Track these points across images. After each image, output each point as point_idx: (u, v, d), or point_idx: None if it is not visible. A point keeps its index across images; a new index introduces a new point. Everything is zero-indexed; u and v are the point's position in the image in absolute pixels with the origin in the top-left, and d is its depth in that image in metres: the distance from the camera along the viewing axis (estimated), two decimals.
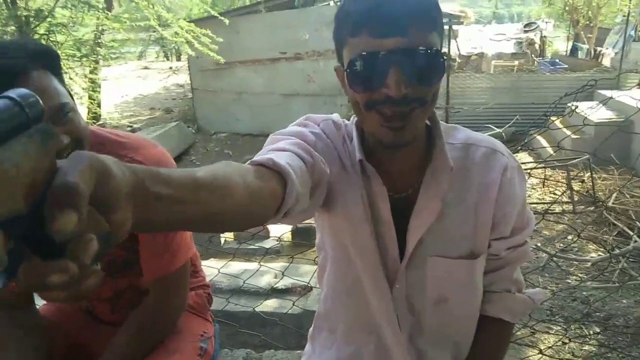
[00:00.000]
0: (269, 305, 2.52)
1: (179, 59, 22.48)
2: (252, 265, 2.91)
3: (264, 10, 9.80)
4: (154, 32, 11.29)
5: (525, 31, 14.55)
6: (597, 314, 2.94)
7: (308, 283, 2.50)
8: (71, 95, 1.01)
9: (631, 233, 3.83)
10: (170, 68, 18.00)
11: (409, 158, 0.89)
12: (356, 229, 0.91)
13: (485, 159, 0.90)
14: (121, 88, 16.63)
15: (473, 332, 1.02)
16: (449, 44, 9.74)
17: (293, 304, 2.32)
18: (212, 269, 2.28)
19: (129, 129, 10.72)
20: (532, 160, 6.04)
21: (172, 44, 12.48)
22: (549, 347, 2.53)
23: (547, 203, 4.81)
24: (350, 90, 0.80)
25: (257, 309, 2.33)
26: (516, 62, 10.51)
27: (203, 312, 1.33)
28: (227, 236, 4.59)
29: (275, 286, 2.63)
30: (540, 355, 2.43)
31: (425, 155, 0.89)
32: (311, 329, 1.14)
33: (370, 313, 0.97)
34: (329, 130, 0.92)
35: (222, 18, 8.95)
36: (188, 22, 9.30)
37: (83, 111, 9.77)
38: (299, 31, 9.21)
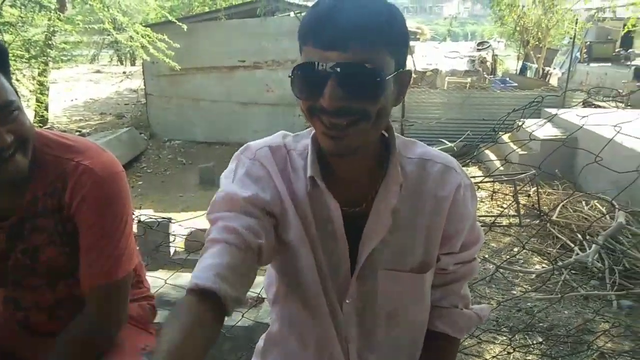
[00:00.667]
0: None
1: (133, 64, 21.97)
2: None
3: (223, 18, 9.74)
4: (108, 35, 10.99)
5: (478, 50, 15.07)
6: (541, 324, 3.03)
7: (259, 294, 2.46)
8: (18, 95, 0.97)
9: (573, 246, 3.99)
10: (124, 72, 17.56)
11: (362, 170, 0.89)
12: (300, 249, 0.91)
13: (440, 175, 0.92)
14: (71, 91, 16.07)
15: (421, 346, 1.04)
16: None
17: (242, 316, 2.28)
18: (159, 280, 2.21)
19: (77, 133, 10.36)
20: (482, 174, 6.22)
21: (127, 48, 12.19)
22: (494, 357, 2.59)
23: (494, 216, 4.95)
24: (299, 96, 0.81)
25: None
26: (469, 79, 10.84)
27: (146, 324, 1.29)
28: (178, 246, 4.48)
29: None
30: None
31: (380, 169, 0.90)
32: (260, 344, 1.11)
33: (320, 331, 0.97)
34: (264, 159, 0.91)
35: (180, 24, 8.82)
36: (144, 26, 9.12)
37: (30, 114, 9.37)
38: (258, 40, 9.20)
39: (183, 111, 10.33)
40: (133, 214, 1.18)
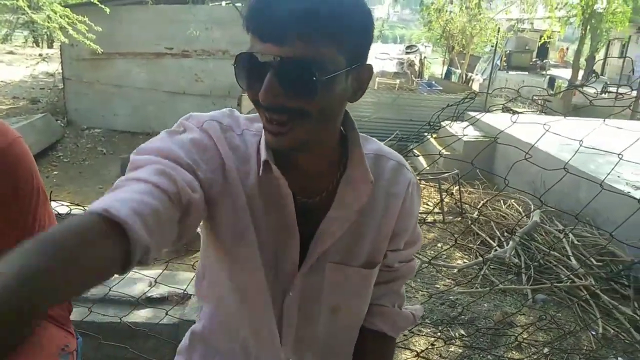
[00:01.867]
0: (141, 315, 2.31)
1: (50, 46, 20.59)
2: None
3: (150, 2, 9.34)
4: (23, 14, 10.20)
5: (407, 53, 15.53)
6: (462, 317, 3.14)
7: (185, 291, 2.35)
8: None
9: (492, 242, 4.19)
10: (40, 55, 16.40)
11: (317, 163, 0.84)
12: (243, 235, 0.84)
13: (393, 172, 0.91)
14: None
15: (354, 343, 1.02)
16: None
17: (166, 314, 2.17)
18: None
19: None
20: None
21: (44, 29, 11.38)
22: (422, 351, 2.65)
23: (420, 213, 5.10)
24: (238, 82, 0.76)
25: (125, 319, 2.13)
26: (397, 81, 11.13)
27: (65, 322, 1.16)
28: None
29: (148, 295, 2.44)
30: (411, 357, 2.53)
31: (338, 163, 0.86)
32: (184, 342, 1.04)
33: (257, 326, 0.91)
34: (213, 132, 0.82)
35: (103, 6, 8.35)
36: (63, 7, 8.54)
37: None
38: (188, 28, 8.89)
39: (104, 98, 9.79)
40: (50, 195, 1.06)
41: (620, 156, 1.59)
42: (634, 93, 10.18)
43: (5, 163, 0.95)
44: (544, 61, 17.91)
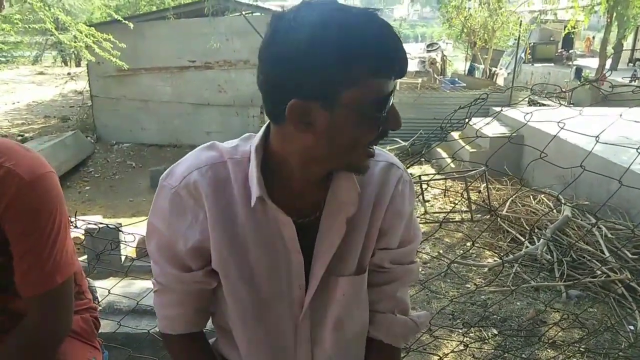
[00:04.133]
0: None
1: (78, 65, 21.17)
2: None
3: (172, 17, 9.52)
4: (51, 35, 10.54)
5: (428, 51, 15.39)
6: (495, 316, 3.09)
7: None
8: None
9: (523, 239, 4.11)
10: (68, 74, 16.87)
11: (309, 182, 0.84)
12: (239, 276, 0.87)
13: (382, 173, 0.91)
14: (13, 94, 15.34)
15: (364, 352, 1.01)
16: None
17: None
18: (109, 289, 2.10)
19: (19, 138, 9.88)
20: (434, 172, 6.33)
21: (71, 49, 11.72)
22: (452, 351, 2.62)
23: (447, 212, 5.04)
24: (365, 130, 0.75)
25: (153, 331, 2.16)
26: (420, 80, 11.03)
27: (90, 338, 1.20)
28: (129, 252, 4.33)
29: None
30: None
31: (326, 178, 0.86)
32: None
33: (274, 352, 0.93)
34: (187, 190, 0.84)
35: (127, 22, 8.55)
36: (88, 26, 8.79)
37: None
38: (209, 40, 9.03)
39: (131, 113, 10.02)
40: (71, 217, 1.10)
41: (639, 150, 1.55)
42: None
43: (29, 197, 0.96)
44: (570, 52, 17.50)
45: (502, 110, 4.41)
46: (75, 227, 1.16)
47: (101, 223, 1.77)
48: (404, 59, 0.72)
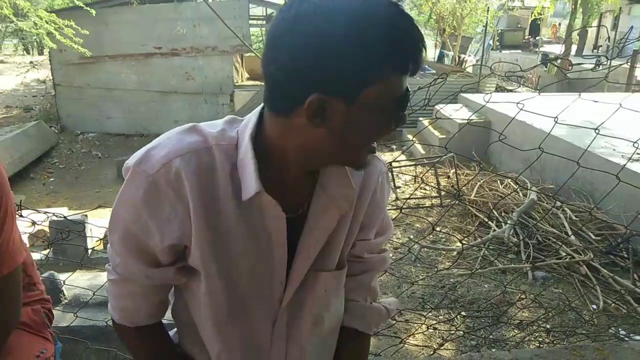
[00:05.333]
0: None
1: (40, 53, 20.52)
2: None
3: (135, 3, 9.28)
4: (11, 22, 10.15)
5: None
6: (463, 299, 3.14)
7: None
8: None
9: (490, 223, 4.18)
10: (30, 62, 16.33)
11: (300, 176, 0.81)
12: (225, 267, 0.82)
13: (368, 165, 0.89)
14: None
15: (336, 343, 1.00)
16: None
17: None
18: (77, 281, 2.04)
19: None
20: (405, 159, 6.37)
21: (33, 36, 11.33)
22: (421, 333, 2.65)
23: (418, 198, 5.09)
24: (381, 128, 0.72)
25: (110, 322, 2.11)
26: None
27: (40, 329, 1.16)
28: (95, 244, 4.23)
29: None
30: (414, 342, 2.53)
31: (311, 175, 0.82)
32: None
33: (243, 347, 0.89)
34: (166, 180, 0.74)
35: (88, 9, 8.30)
36: (49, 12, 8.49)
37: None
38: (175, 26, 8.85)
39: (96, 102, 9.77)
40: (20, 208, 1.05)
41: (597, 132, 1.58)
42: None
43: None
44: (537, 38, 17.82)
45: (463, 92, 4.43)
46: (21, 216, 1.10)
47: (55, 214, 1.71)
48: (422, 56, 0.69)
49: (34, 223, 1.42)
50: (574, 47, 13.10)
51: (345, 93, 0.66)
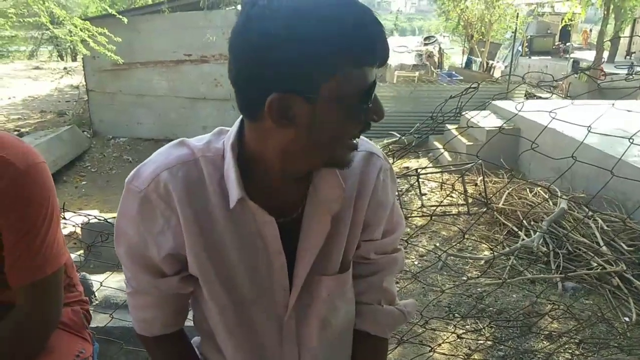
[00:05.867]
0: None
1: (74, 59, 21.05)
2: None
3: (167, 11, 9.47)
4: (47, 30, 10.47)
5: (425, 44, 15.34)
6: (490, 308, 3.10)
7: None
8: None
9: (519, 232, 4.11)
10: (65, 68, 16.82)
11: (291, 183, 0.81)
12: (227, 276, 0.84)
13: (362, 163, 0.88)
14: (9, 89, 15.27)
15: (351, 345, 1.00)
16: None
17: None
18: (106, 282, 2.10)
19: (15, 133, 9.83)
20: (431, 165, 6.32)
21: (67, 43, 11.66)
22: (447, 342, 2.62)
23: (444, 205, 5.04)
24: (349, 123, 0.71)
25: None
26: (417, 73, 11.01)
27: (79, 330, 1.20)
28: None
29: None
30: (440, 352, 2.51)
31: (308, 173, 0.82)
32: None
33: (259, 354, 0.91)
34: (157, 193, 0.78)
35: (120, 17, 8.51)
36: (83, 20, 8.73)
37: None
38: (204, 33, 8.99)
39: (127, 107, 9.99)
40: (63, 210, 1.09)
41: (631, 141, 1.54)
42: None
43: (20, 186, 0.96)
44: (567, 44, 17.50)
45: (492, 99, 4.38)
46: (64, 218, 1.15)
47: (91, 215, 1.76)
48: (385, 46, 0.68)
49: (75, 226, 1.47)
50: (605, 53, 12.81)
51: (303, 90, 0.66)
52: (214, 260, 0.82)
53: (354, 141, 0.75)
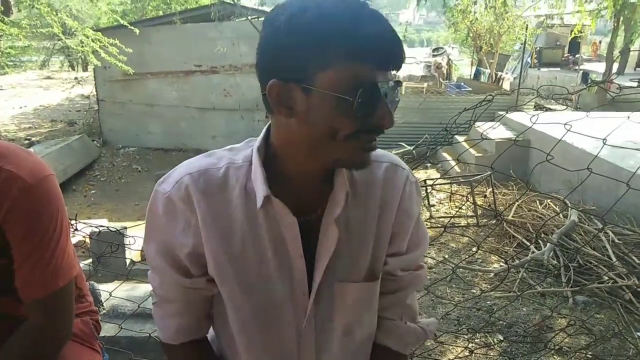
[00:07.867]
0: None
1: (85, 69, 21.30)
2: None
3: (178, 22, 9.56)
4: (59, 40, 10.61)
5: (434, 55, 15.36)
6: (500, 322, 3.06)
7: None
8: None
9: (529, 244, 4.08)
10: (76, 78, 16.98)
11: (312, 180, 0.83)
12: (246, 279, 0.85)
13: (387, 174, 0.89)
14: (20, 98, 15.46)
15: (369, 356, 1.00)
16: None
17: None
18: (115, 291, 2.10)
19: (26, 142, 9.94)
20: (440, 177, 6.30)
21: (79, 53, 11.80)
22: (457, 357, 2.59)
23: (453, 217, 5.01)
24: (341, 117, 0.71)
25: (154, 335, 2.16)
26: (425, 84, 11.01)
27: (90, 340, 1.20)
28: (133, 256, 4.32)
29: None
30: None
31: (330, 179, 0.84)
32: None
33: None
34: (179, 195, 0.83)
35: (132, 28, 8.60)
36: (95, 31, 8.84)
37: None
38: (215, 44, 9.06)
39: (137, 117, 10.07)
40: (71, 220, 1.09)
41: None
42: None
43: (31, 199, 0.96)
44: (577, 56, 17.43)
45: (507, 112, 4.37)
46: (76, 230, 1.15)
47: (102, 225, 1.77)
48: (392, 48, 0.69)
49: (85, 237, 1.47)
50: (615, 66, 12.75)
51: (300, 80, 0.70)
52: (234, 263, 0.84)
53: (372, 143, 0.76)
